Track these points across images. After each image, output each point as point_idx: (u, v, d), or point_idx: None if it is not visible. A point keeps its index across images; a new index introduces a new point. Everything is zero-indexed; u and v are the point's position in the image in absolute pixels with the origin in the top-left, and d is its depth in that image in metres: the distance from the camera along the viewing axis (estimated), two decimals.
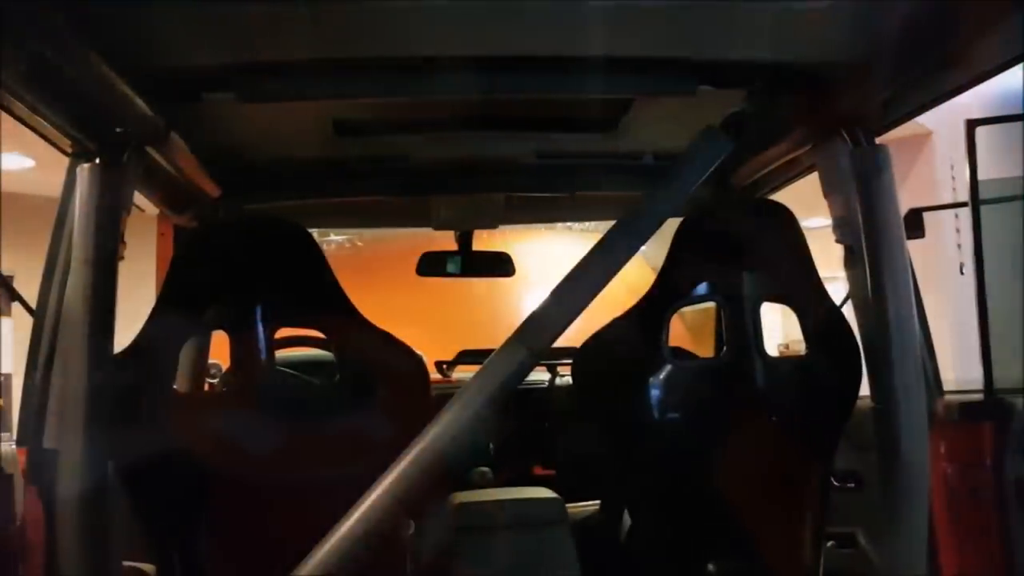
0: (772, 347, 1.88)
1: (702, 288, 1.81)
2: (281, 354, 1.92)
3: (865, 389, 1.75)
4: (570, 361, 2.61)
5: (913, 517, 1.60)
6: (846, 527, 2.23)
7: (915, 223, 2.52)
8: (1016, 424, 1.81)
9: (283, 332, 1.75)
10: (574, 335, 1.69)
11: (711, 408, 1.81)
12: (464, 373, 3.21)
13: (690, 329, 4.79)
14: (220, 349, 2.43)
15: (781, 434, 1.80)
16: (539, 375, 3.07)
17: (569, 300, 1.50)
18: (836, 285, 1.91)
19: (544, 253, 6.14)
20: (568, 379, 3.03)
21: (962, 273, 4.85)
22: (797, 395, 1.80)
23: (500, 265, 3.01)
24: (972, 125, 2.05)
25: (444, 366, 3.28)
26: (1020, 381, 2.43)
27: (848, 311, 1.80)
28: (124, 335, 1.61)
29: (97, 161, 1.55)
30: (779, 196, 2.36)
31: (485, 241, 3.08)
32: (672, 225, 1.75)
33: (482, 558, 1.86)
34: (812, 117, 1.75)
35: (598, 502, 2.14)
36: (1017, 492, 1.79)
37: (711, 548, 1.94)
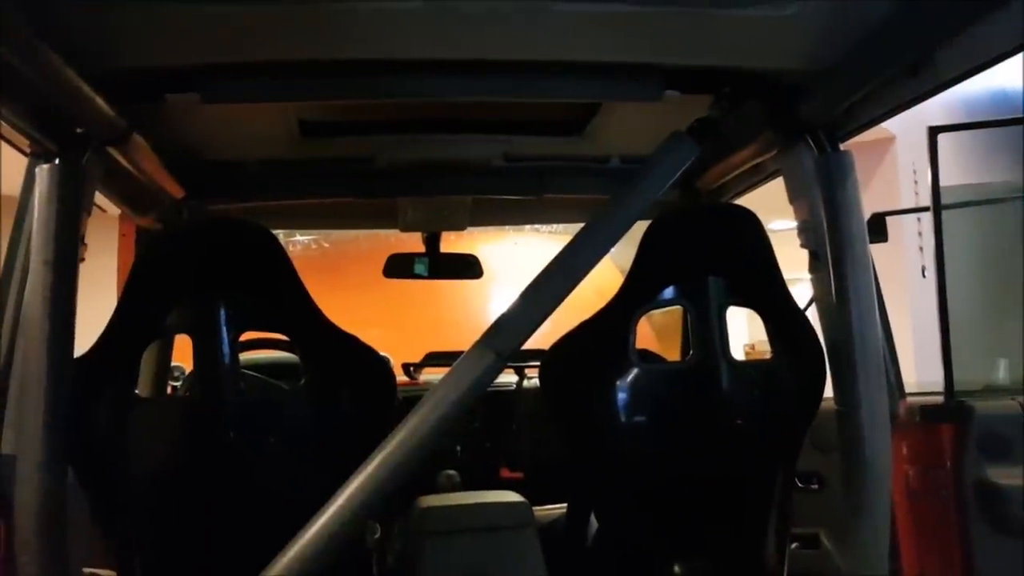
0: (738, 347, 1.89)
1: (669, 292, 1.82)
2: (245, 356, 1.90)
3: (828, 392, 1.77)
4: (538, 363, 2.61)
5: (875, 518, 1.62)
6: (809, 528, 2.25)
7: (878, 227, 2.56)
8: (976, 426, 1.84)
9: (248, 335, 1.73)
10: (542, 337, 1.69)
11: (678, 411, 1.82)
12: (431, 375, 3.20)
13: (657, 330, 4.82)
14: (183, 352, 2.41)
15: (746, 436, 1.81)
16: (507, 377, 3.06)
17: (537, 303, 1.50)
18: (800, 287, 1.93)
19: (512, 255, 6.15)
20: (536, 381, 3.03)
21: (924, 276, 4.92)
22: (762, 398, 1.82)
23: (467, 267, 2.99)
24: (934, 132, 2.07)
25: (411, 368, 3.26)
26: (980, 384, 2.47)
27: (812, 314, 1.82)
28: (85, 338, 1.58)
29: (57, 161, 1.52)
30: (742, 196, 2.38)
31: (453, 243, 3.07)
32: (640, 228, 1.75)
33: (448, 562, 1.85)
34: (777, 123, 1.77)
35: (565, 505, 2.14)
36: (977, 493, 1.82)
37: (678, 550, 1.94)
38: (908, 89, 1.60)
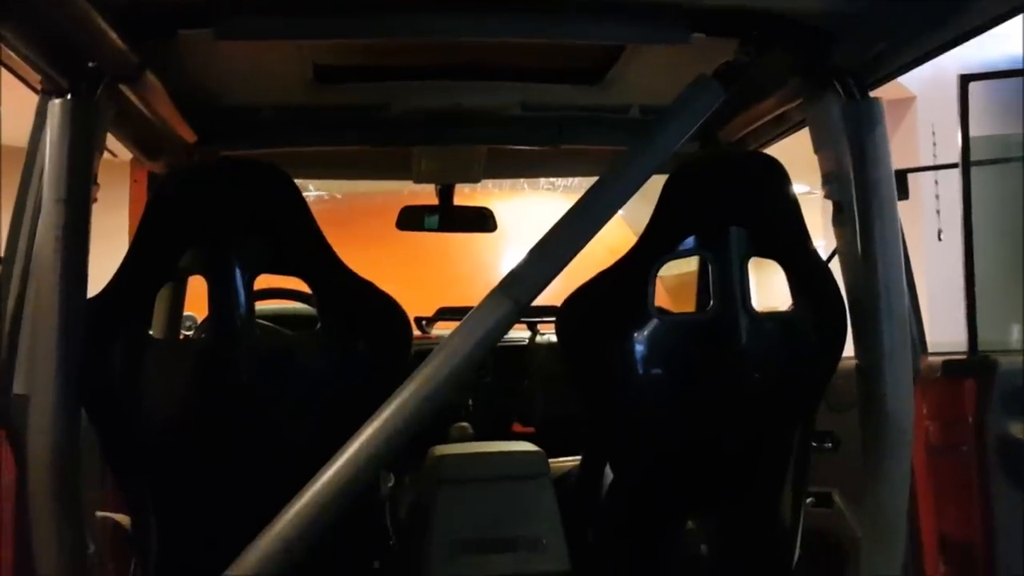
0: None
1: (689, 242, 1.78)
2: (260, 306, 1.88)
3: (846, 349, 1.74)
4: (550, 319, 2.59)
5: (895, 474, 1.60)
6: (823, 487, 2.24)
7: (899, 184, 2.51)
8: (999, 381, 1.81)
9: (263, 281, 1.71)
10: (553, 296, 1.67)
11: (696, 363, 1.80)
12: (443, 331, 3.19)
13: (670, 291, 4.80)
14: (194, 302, 2.39)
15: (765, 390, 1.78)
16: (519, 333, 3.05)
17: (554, 253, 1.47)
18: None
19: (526, 213, 6.11)
20: (548, 337, 3.02)
21: (940, 239, 4.87)
22: (782, 351, 1.79)
23: (481, 220, 2.97)
24: (965, 80, 2.02)
25: (423, 323, 3.25)
26: (998, 343, 2.44)
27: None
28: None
29: (69, 97, 1.49)
30: (764, 149, 2.34)
31: (467, 197, 3.05)
32: (655, 185, 1.71)
33: (462, 511, 1.84)
34: (805, 68, 1.72)
35: (578, 458, 2.12)
36: (998, 448, 1.80)
37: (692, 504, 1.93)
38: (940, 34, 1.55)
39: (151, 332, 1.68)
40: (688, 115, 1.54)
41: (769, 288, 2.40)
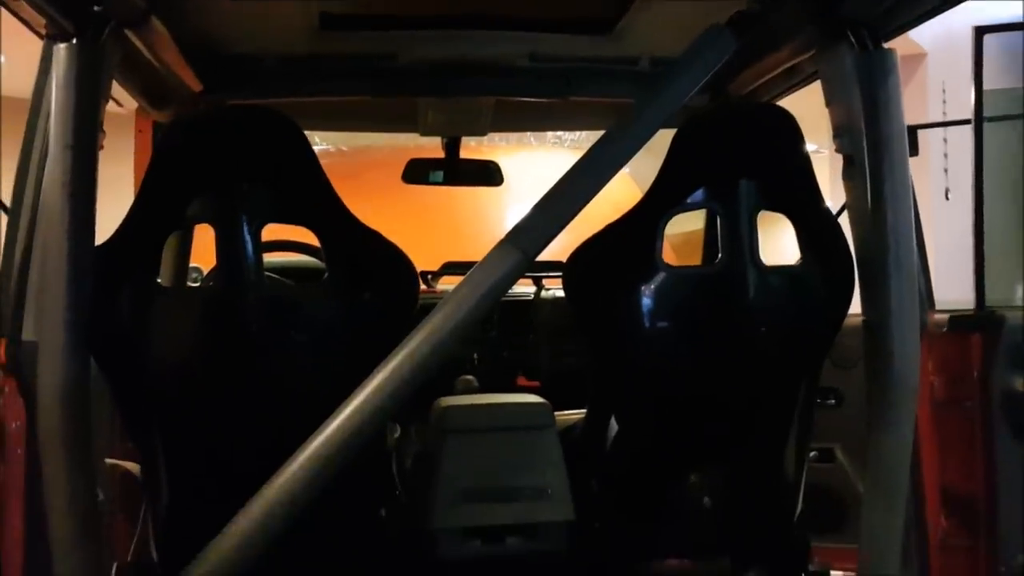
0: None
1: (699, 194, 1.77)
2: (268, 259, 1.87)
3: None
4: (555, 274, 2.58)
5: (900, 430, 1.61)
6: (825, 443, 2.25)
7: (910, 141, 2.49)
8: (1005, 336, 1.81)
9: (271, 236, 1.70)
10: (556, 252, 1.66)
11: (703, 316, 1.79)
12: (448, 285, 3.19)
13: (675, 250, 4.77)
14: (199, 254, 2.39)
15: (771, 345, 1.78)
16: (524, 288, 3.05)
17: (561, 206, 1.46)
18: None
19: (533, 167, 6.07)
20: (553, 292, 3.02)
21: (948, 199, 4.83)
22: (790, 305, 1.78)
23: (487, 174, 2.95)
24: (980, 32, 1.98)
25: (429, 277, 3.24)
26: (1002, 301, 2.44)
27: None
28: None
29: (74, 42, 1.48)
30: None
31: (473, 151, 3.02)
32: (663, 140, 1.70)
33: (468, 461, 1.86)
34: (818, 18, 1.69)
35: (583, 412, 2.13)
36: (1002, 404, 1.81)
37: (696, 456, 1.95)
38: None
39: (159, 280, 1.68)
40: (699, 66, 1.52)
41: (775, 243, 2.39)
